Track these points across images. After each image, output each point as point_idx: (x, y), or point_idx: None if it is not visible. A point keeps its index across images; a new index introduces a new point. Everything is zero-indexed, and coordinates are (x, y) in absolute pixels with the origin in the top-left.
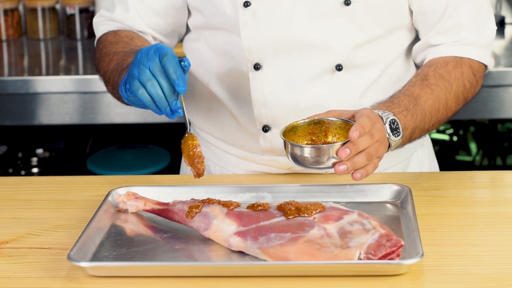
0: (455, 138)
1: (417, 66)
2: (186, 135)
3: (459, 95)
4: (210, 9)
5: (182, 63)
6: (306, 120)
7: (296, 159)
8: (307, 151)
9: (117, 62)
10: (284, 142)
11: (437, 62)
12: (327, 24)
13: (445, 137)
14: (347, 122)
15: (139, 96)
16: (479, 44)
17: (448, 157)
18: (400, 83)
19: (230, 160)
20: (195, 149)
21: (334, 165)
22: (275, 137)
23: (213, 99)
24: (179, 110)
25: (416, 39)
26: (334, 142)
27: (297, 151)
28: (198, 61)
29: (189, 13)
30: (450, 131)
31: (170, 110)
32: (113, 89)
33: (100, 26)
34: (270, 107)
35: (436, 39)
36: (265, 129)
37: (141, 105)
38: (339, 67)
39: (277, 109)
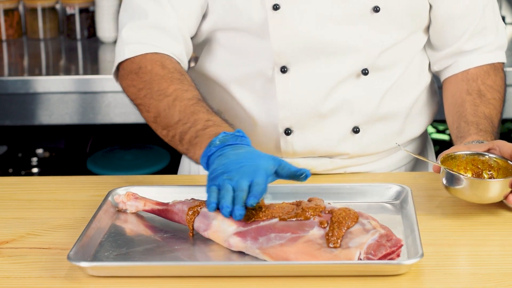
0: None
1: (434, 73)
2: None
3: (505, 99)
4: (232, 11)
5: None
6: (466, 153)
7: (469, 193)
8: (492, 186)
9: (181, 116)
10: (455, 176)
11: (479, 74)
12: (355, 28)
13: (445, 137)
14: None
15: (207, 192)
16: (501, 46)
17: None
18: (415, 86)
19: None
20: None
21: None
22: (296, 140)
23: (230, 101)
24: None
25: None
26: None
27: (480, 186)
28: (215, 64)
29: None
30: None
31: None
32: (174, 139)
33: (127, 46)
34: (295, 109)
35: (469, 45)
36: (287, 132)
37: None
38: (365, 71)
39: (301, 111)
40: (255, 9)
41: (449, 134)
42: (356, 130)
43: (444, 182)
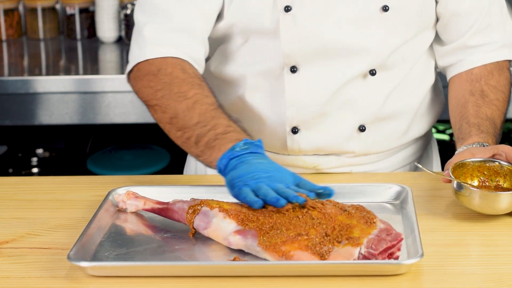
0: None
1: (440, 71)
2: None
3: (509, 99)
4: (245, 13)
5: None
6: (473, 160)
7: (482, 205)
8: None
9: (200, 119)
10: (465, 187)
11: (483, 74)
12: (366, 29)
13: (445, 137)
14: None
15: (240, 193)
16: (507, 44)
17: (448, 157)
18: (421, 85)
19: None
20: None
21: None
22: (303, 139)
23: (238, 100)
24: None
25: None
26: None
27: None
28: (224, 64)
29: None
30: (450, 131)
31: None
32: (189, 141)
33: (150, 46)
34: (303, 109)
35: (473, 41)
36: (294, 130)
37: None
38: (372, 72)
39: (308, 111)
40: (267, 11)
41: (449, 134)
42: (362, 129)
43: (455, 193)
